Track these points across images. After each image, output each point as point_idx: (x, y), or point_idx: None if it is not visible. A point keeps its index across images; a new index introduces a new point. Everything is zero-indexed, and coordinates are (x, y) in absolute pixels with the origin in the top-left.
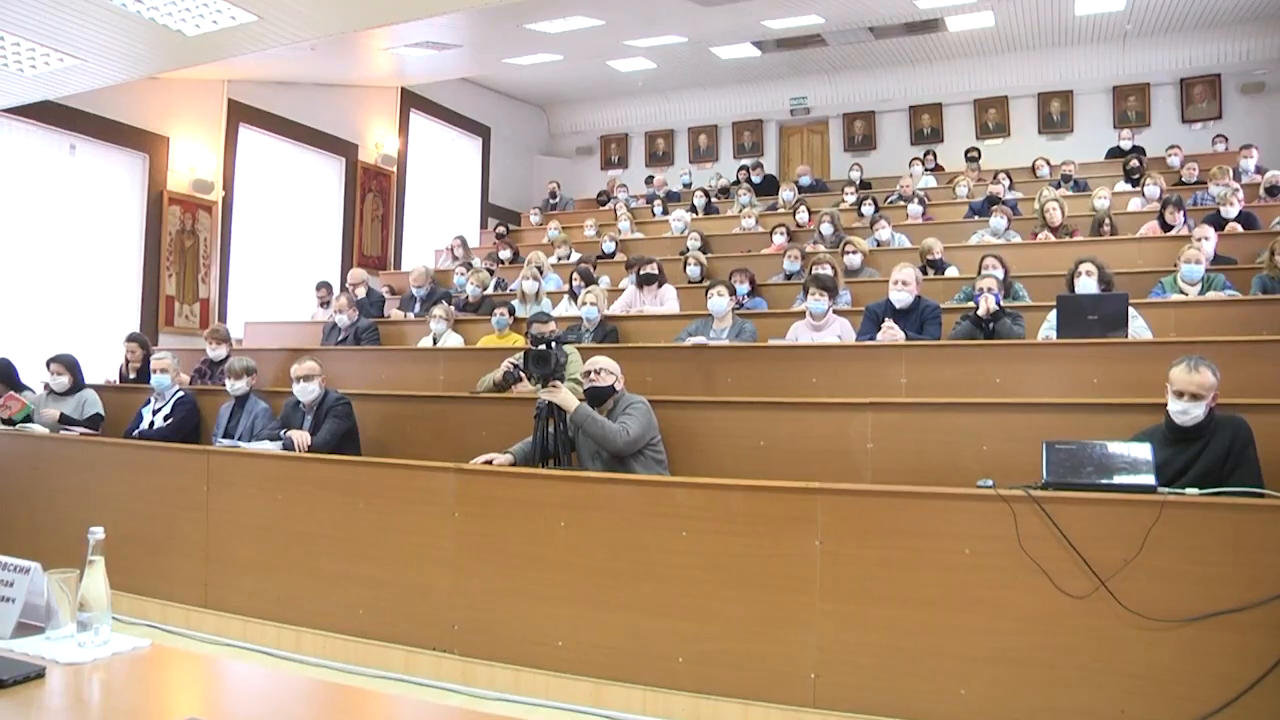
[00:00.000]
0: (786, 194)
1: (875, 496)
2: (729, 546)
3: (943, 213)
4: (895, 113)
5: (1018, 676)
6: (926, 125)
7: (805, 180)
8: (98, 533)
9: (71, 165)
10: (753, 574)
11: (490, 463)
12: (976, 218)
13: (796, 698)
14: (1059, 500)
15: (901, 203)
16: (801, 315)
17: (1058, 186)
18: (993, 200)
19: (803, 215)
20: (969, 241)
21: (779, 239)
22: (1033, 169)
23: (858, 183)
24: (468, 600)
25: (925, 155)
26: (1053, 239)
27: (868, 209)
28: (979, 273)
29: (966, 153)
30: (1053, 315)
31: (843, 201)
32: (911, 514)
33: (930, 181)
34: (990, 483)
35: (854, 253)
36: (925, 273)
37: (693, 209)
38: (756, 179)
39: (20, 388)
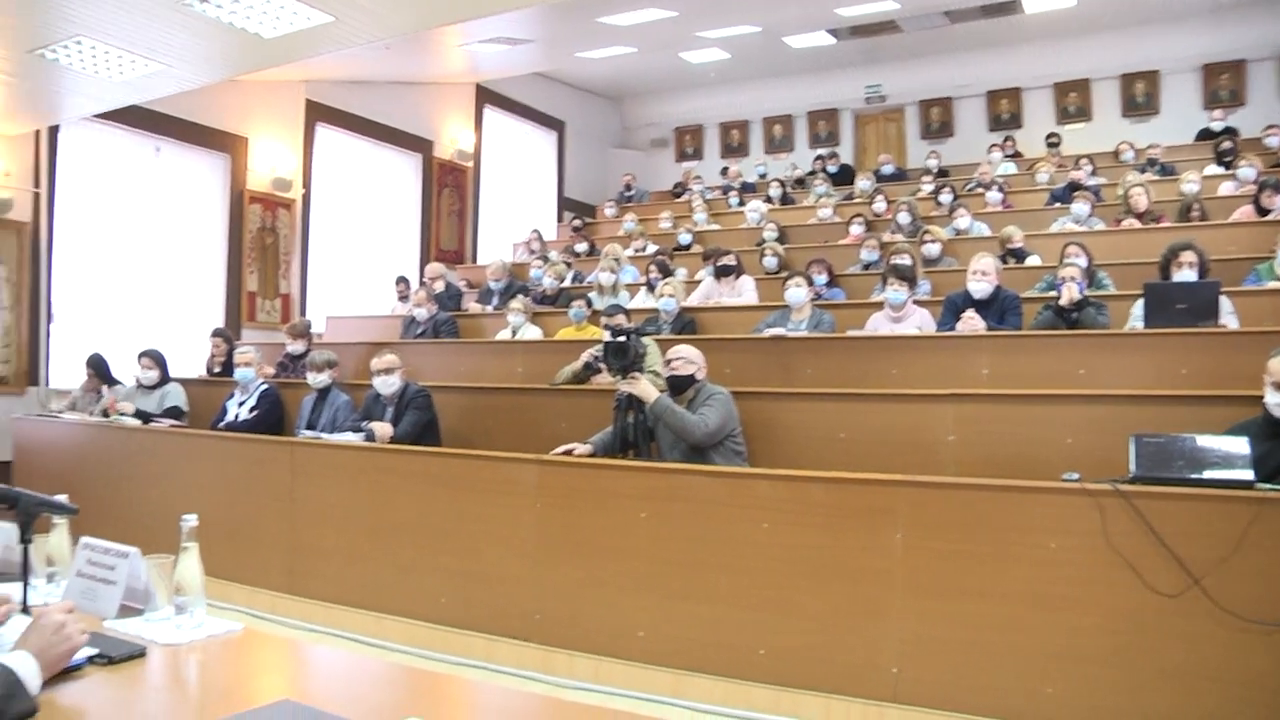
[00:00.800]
0: (863, 183)
1: (957, 489)
2: (810, 539)
3: (1023, 200)
4: (973, 99)
5: (1105, 676)
6: (1005, 111)
7: (888, 169)
8: (191, 520)
9: (157, 166)
10: (833, 566)
11: (570, 453)
12: (1058, 204)
13: (878, 692)
14: (1149, 495)
15: (980, 190)
16: (880, 306)
17: (1143, 171)
18: (1074, 186)
19: (880, 204)
20: (1050, 229)
21: (856, 229)
22: (1116, 154)
23: (935, 171)
24: (549, 590)
25: (1004, 141)
26: (1138, 225)
27: (946, 197)
28: (1061, 261)
29: (1047, 138)
30: (1139, 304)
31: (920, 190)
32: (994, 507)
33: (1009, 168)
34: (1076, 476)
35: (932, 242)
36: (1005, 262)
37: (768, 200)
38: (832, 169)
39: (112, 381)
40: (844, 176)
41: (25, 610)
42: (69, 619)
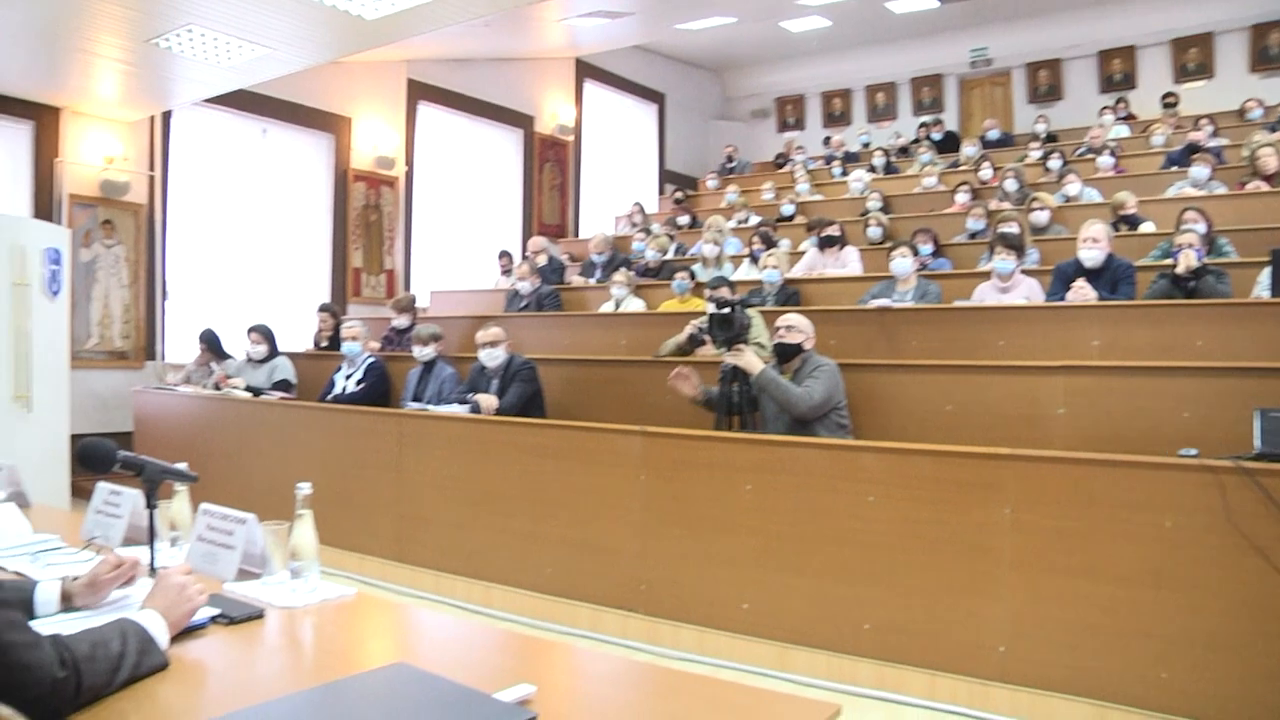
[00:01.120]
0: (969, 150)
1: (1068, 464)
2: (916, 513)
3: (1136, 164)
4: (1083, 59)
5: (1225, 664)
6: (1117, 71)
7: (993, 134)
8: (305, 488)
9: (264, 148)
10: (940, 541)
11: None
12: (1174, 168)
13: (984, 671)
14: (1276, 474)
15: (1091, 155)
16: (987, 276)
17: (1273, 130)
18: (1193, 149)
19: (986, 172)
20: (1166, 194)
21: (962, 197)
22: (1241, 112)
23: (1043, 136)
24: (654, 561)
25: (1116, 104)
26: (1265, 189)
27: (1055, 163)
28: (1178, 227)
29: (1163, 99)
30: (1266, 272)
31: (1027, 156)
32: (1107, 483)
33: (1122, 131)
34: (1194, 452)
35: (1041, 209)
36: (1117, 229)
37: (872, 169)
38: (937, 136)
39: (223, 356)
40: (949, 144)
41: (152, 572)
42: (190, 580)
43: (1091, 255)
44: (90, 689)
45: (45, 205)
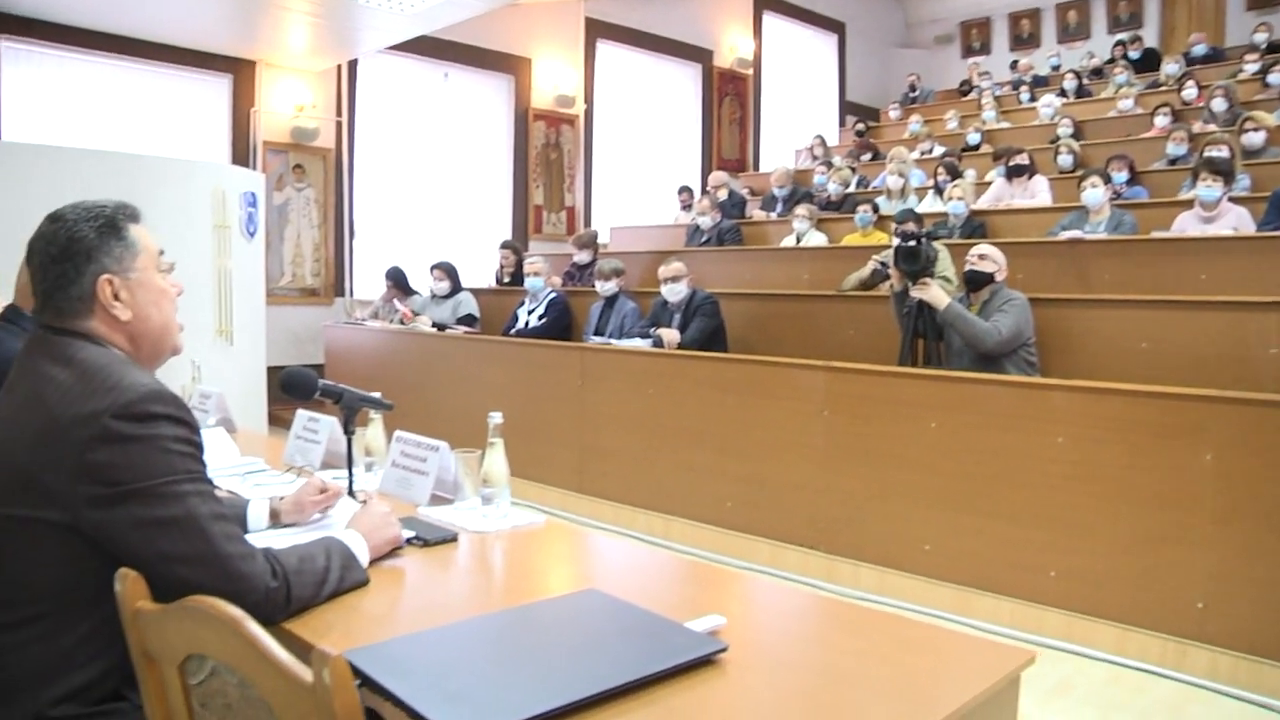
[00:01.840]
0: (1170, 68)
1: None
2: (1108, 456)
3: None
4: None
5: None
6: None
7: (1200, 50)
8: (496, 417)
9: (446, 91)
10: (1134, 487)
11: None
12: None
13: (1180, 628)
14: None
15: None
16: (1189, 204)
17: None
18: None
19: (1190, 91)
20: None
21: (1161, 120)
22: None
23: (1263, 47)
24: (835, 498)
25: None
26: None
27: (1275, 77)
28: None
29: None
30: None
31: (1241, 71)
32: None
33: None
34: None
35: (1256, 130)
36: None
37: (1062, 93)
38: (1134, 54)
39: (410, 292)
40: (1148, 62)
41: (351, 494)
42: (393, 513)
43: None
44: (299, 599)
45: (242, 152)
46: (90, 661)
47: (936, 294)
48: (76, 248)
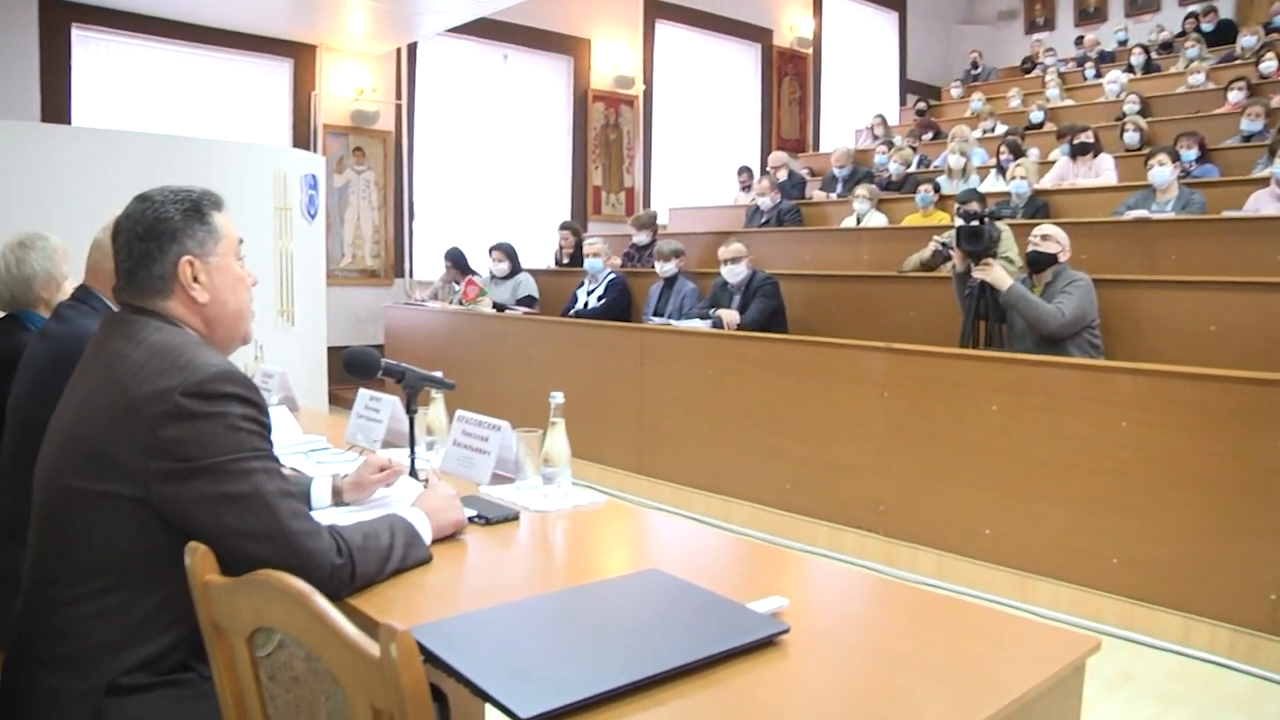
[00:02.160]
0: (1248, 40)
1: None
2: (1173, 441)
3: None
4: None
5: None
6: None
7: None
8: (558, 397)
9: (505, 73)
10: (1200, 473)
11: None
12: None
13: (1252, 621)
14: None
15: None
16: (1265, 183)
17: None
18: None
19: (1269, 64)
20: None
21: (1235, 95)
22: None
23: None
24: (894, 481)
25: None
26: None
27: None
28: None
29: None
30: None
31: None
32: None
33: None
34: None
35: None
36: None
37: (1129, 69)
38: (1208, 26)
39: (469, 272)
40: (1222, 34)
41: (413, 473)
42: (456, 495)
43: None
44: (363, 575)
45: (303, 135)
46: (161, 633)
47: (999, 275)
48: (162, 228)
